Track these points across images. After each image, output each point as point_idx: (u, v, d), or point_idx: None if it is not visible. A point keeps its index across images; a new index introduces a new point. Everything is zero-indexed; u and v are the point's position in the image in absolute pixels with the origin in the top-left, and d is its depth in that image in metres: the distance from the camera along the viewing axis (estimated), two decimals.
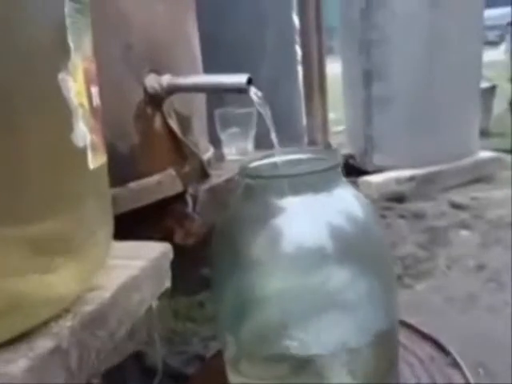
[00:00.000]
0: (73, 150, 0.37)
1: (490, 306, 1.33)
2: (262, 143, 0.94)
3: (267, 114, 0.70)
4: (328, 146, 2.55)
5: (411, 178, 2.25)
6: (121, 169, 0.67)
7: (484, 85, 2.94)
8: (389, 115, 2.32)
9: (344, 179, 0.67)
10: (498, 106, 3.56)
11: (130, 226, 0.71)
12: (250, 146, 1.12)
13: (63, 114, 0.36)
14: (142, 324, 0.59)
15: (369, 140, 2.39)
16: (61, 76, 0.35)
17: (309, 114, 2.64)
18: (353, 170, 2.47)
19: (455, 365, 0.78)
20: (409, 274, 1.55)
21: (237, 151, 1.10)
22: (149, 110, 0.73)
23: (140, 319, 0.56)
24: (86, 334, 0.39)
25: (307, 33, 2.47)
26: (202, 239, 0.79)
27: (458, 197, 2.18)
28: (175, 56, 0.81)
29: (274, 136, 0.69)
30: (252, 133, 1.11)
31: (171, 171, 0.75)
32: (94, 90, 0.41)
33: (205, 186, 0.80)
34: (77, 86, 0.37)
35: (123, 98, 0.71)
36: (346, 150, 2.60)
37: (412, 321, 1.22)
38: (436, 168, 2.29)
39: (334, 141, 2.74)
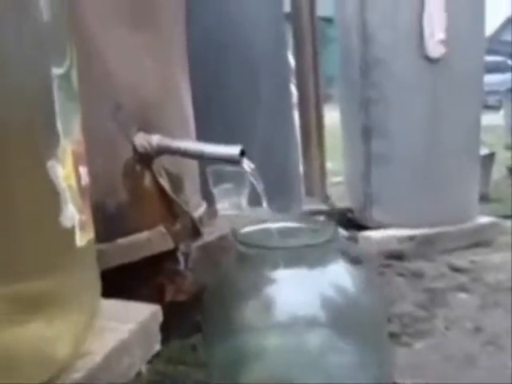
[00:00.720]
0: (61, 231, 0.39)
1: (489, 368, 1.32)
2: (256, 199, 0.95)
3: (259, 184, 0.72)
4: (326, 198, 2.58)
5: (411, 238, 2.26)
6: (109, 225, 0.69)
7: (483, 152, 3.02)
8: (388, 173, 2.35)
9: (336, 252, 0.69)
10: (497, 171, 3.68)
11: (121, 282, 0.72)
12: (243, 201, 1.13)
13: (51, 198, 0.38)
14: None
15: (368, 196, 2.41)
16: (50, 164, 0.37)
17: (306, 162, 2.66)
18: (352, 224, 2.50)
19: None
20: (407, 333, 1.55)
21: (230, 206, 1.12)
22: (138, 168, 0.75)
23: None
24: None
25: (304, 75, 2.51)
26: (194, 297, 0.80)
27: (458, 260, 2.20)
28: (165, 115, 0.83)
29: (265, 205, 0.72)
30: (245, 189, 1.13)
31: (161, 228, 0.76)
32: (83, 169, 0.43)
33: (197, 244, 0.81)
34: (65, 170, 0.39)
35: (112, 155, 0.73)
36: (344, 203, 2.62)
37: (410, 380, 1.23)
38: (436, 230, 2.31)
39: (332, 192, 2.77)
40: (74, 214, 0.40)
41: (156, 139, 0.76)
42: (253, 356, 0.69)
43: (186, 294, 0.77)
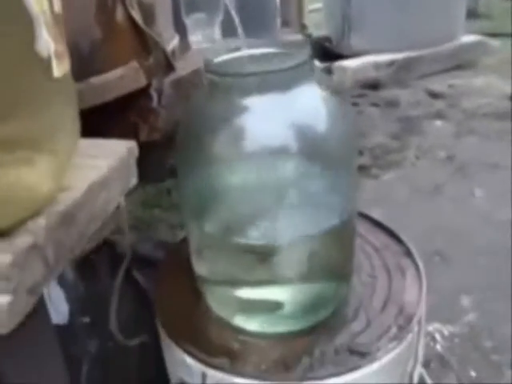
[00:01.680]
0: (37, 60, 0.40)
1: (455, 197, 1.44)
2: (229, 30, 0.94)
3: (231, 1, 0.71)
4: (303, 27, 2.53)
5: (389, 64, 2.26)
6: (83, 63, 0.69)
7: None
8: None
9: (310, 76, 0.71)
10: None
11: (93, 122, 0.75)
12: (216, 32, 1.13)
13: (25, 23, 0.39)
14: (110, 217, 0.65)
15: (346, 19, 2.36)
16: None
17: None
18: (328, 54, 2.48)
19: (408, 253, 0.86)
20: (377, 165, 1.64)
21: (203, 38, 1.12)
22: (110, 1, 0.74)
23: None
24: (60, 231, 0.45)
25: None
26: (168, 136, 0.83)
27: (436, 85, 2.22)
28: None
29: (239, 26, 0.71)
30: (218, 18, 1.12)
31: (134, 64, 0.76)
32: None
33: (169, 79, 0.82)
34: None
35: None
36: (321, 32, 2.58)
37: (377, 211, 1.32)
38: (416, 53, 2.29)
39: (310, 20, 2.71)
40: (48, 43, 0.41)
41: None
42: (223, 189, 0.74)
43: (160, 133, 0.80)
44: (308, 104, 0.70)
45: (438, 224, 1.31)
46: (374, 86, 2.22)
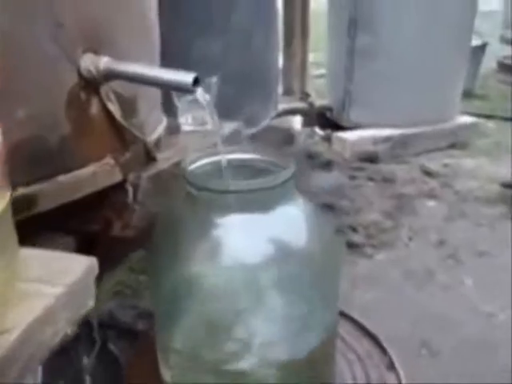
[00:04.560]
0: None
1: (445, 284, 1.37)
2: (219, 111, 0.88)
3: (214, 116, 0.68)
4: (305, 95, 2.50)
5: (387, 139, 2.23)
6: (50, 161, 0.63)
7: (475, 42, 2.80)
8: (371, 69, 2.27)
9: (292, 191, 0.66)
10: (486, 63, 3.41)
11: (64, 217, 0.69)
12: (207, 115, 1.08)
13: None
14: None
15: (348, 94, 2.35)
16: None
17: (287, 58, 2.56)
18: (329, 123, 2.47)
19: (391, 366, 0.80)
20: (370, 244, 1.57)
21: (193, 121, 1.07)
22: (83, 95, 0.67)
23: None
24: None
25: None
26: (143, 230, 0.77)
27: (431, 162, 2.18)
28: (120, 29, 0.72)
29: (219, 137, 0.68)
30: (211, 101, 1.07)
31: (109, 160, 0.70)
32: None
33: (148, 173, 0.76)
34: None
35: (53, 82, 0.64)
36: (323, 101, 2.56)
37: (368, 294, 1.27)
38: (413, 130, 2.27)
39: (314, 87, 2.69)
40: None
41: (104, 62, 0.68)
42: (197, 293, 0.68)
43: (134, 230, 0.74)
44: (289, 223, 0.64)
45: (427, 312, 1.24)
46: (372, 159, 2.18)
